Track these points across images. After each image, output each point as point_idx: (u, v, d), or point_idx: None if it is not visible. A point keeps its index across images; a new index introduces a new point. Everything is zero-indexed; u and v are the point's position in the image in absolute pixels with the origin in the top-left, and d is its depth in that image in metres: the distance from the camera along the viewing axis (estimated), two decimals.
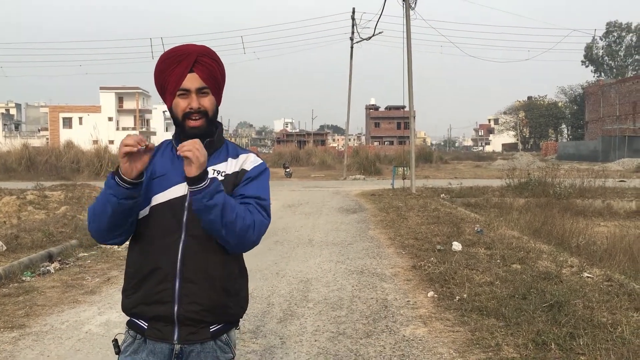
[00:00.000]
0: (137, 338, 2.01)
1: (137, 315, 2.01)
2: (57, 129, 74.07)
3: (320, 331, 5.11)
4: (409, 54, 21.00)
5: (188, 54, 1.98)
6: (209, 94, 2.00)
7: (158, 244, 1.96)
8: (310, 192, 21.74)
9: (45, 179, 25.77)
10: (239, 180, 2.04)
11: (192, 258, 1.95)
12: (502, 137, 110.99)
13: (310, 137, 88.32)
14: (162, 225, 1.96)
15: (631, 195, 18.52)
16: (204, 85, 1.98)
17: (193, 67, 1.97)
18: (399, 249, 9.13)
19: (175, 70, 1.97)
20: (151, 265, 1.96)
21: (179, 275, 1.94)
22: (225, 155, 2.08)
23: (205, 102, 1.99)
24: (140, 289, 1.99)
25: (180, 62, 1.97)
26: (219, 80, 2.05)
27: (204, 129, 2.00)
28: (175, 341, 1.97)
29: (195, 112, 1.97)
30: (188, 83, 1.96)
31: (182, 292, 1.94)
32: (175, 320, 1.95)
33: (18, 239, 9.10)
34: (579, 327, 4.73)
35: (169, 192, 1.98)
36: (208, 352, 2.00)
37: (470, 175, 32.95)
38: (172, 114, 2.02)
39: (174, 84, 1.98)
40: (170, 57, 2.00)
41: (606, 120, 62.07)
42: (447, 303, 5.86)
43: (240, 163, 2.07)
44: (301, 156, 47.70)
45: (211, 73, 2.01)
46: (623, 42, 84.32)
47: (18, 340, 4.90)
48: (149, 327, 1.98)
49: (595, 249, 9.20)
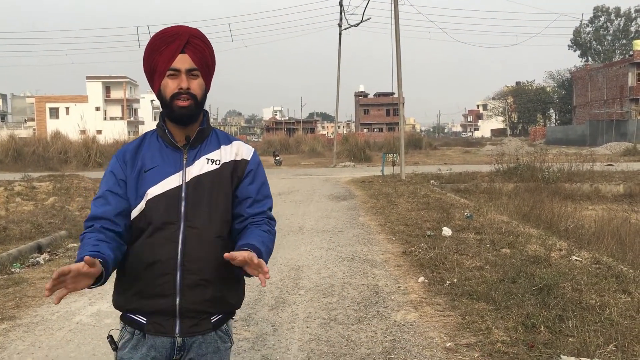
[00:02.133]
0: (135, 334, 1.97)
1: (135, 311, 1.97)
2: (44, 120, 73.38)
3: (312, 318, 5.13)
4: (397, 40, 20.95)
5: (180, 35, 1.95)
6: (198, 77, 1.97)
7: (156, 236, 1.93)
8: (300, 179, 21.73)
9: (32, 170, 25.56)
10: (241, 172, 2.04)
11: (192, 249, 1.92)
12: (490, 123, 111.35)
13: (299, 124, 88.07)
14: (160, 217, 1.93)
15: (619, 179, 18.67)
16: (194, 66, 1.95)
17: (184, 48, 1.94)
18: (390, 235, 9.16)
19: (166, 50, 1.94)
20: (150, 258, 1.92)
21: (180, 267, 1.91)
22: (216, 143, 2.05)
23: (194, 84, 1.96)
24: (138, 283, 1.94)
25: (171, 43, 1.94)
26: (209, 64, 2.02)
27: (193, 110, 1.96)
28: (177, 334, 1.94)
29: (185, 92, 1.94)
30: (179, 63, 1.93)
31: (184, 284, 1.91)
32: (177, 313, 1.92)
33: (6, 230, 9.03)
34: (567, 310, 4.79)
35: (163, 184, 1.95)
36: (209, 343, 1.99)
37: (459, 161, 33.07)
38: (161, 95, 1.98)
39: (164, 64, 1.94)
40: (162, 37, 1.96)
41: (594, 104, 62.38)
42: (437, 288, 5.90)
43: (235, 151, 2.06)
44: (291, 144, 47.59)
45: (202, 56, 1.98)
46: (611, 26, 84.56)
47: (8, 331, 4.88)
48: (148, 321, 1.94)
49: (583, 232, 9.28)
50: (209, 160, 2.00)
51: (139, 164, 1.98)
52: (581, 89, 67.08)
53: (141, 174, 1.97)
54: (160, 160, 1.98)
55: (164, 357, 1.96)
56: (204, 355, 1.98)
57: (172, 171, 1.96)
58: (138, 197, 1.96)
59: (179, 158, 1.99)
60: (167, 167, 1.97)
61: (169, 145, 2.00)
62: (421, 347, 4.37)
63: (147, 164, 1.98)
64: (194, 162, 1.99)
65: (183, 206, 1.94)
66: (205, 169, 1.99)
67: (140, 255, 1.94)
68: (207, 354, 1.99)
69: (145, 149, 2.02)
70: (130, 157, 2.02)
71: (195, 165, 1.99)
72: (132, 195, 1.97)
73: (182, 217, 1.93)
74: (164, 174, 1.96)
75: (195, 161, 1.99)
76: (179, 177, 1.95)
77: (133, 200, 1.96)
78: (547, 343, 4.22)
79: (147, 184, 1.96)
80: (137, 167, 1.98)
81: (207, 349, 1.99)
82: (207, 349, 1.98)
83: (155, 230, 1.93)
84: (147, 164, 1.98)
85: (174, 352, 1.95)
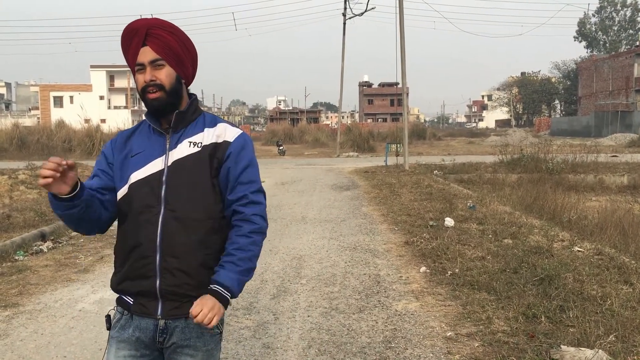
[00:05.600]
0: (124, 314, 2.03)
1: (123, 292, 2.03)
2: (48, 108, 73.33)
3: (313, 307, 5.14)
4: (401, 30, 20.84)
5: (137, 29, 1.97)
6: (164, 66, 1.97)
7: (138, 220, 1.97)
8: (304, 169, 21.72)
9: (37, 158, 25.61)
10: (221, 154, 2.01)
11: (171, 232, 1.95)
12: (495, 114, 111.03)
13: (303, 114, 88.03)
14: (141, 201, 1.97)
15: (623, 170, 18.61)
16: (157, 57, 1.96)
17: (145, 40, 1.96)
18: (392, 225, 9.16)
19: (130, 48, 1.98)
20: (133, 241, 1.98)
21: (159, 250, 1.94)
22: (201, 126, 2.06)
23: (160, 74, 1.97)
24: (125, 265, 2.00)
25: (132, 38, 1.98)
26: (177, 51, 2.00)
27: (164, 100, 1.98)
28: (159, 316, 1.97)
29: (150, 85, 1.96)
30: (142, 57, 1.97)
31: (162, 266, 1.95)
32: (158, 295, 1.96)
33: (10, 218, 9.07)
34: (569, 300, 4.79)
35: (146, 169, 1.99)
36: (192, 328, 1.99)
37: (463, 151, 32.99)
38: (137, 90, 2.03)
39: (132, 60, 1.99)
40: (124, 35, 2.00)
41: (599, 95, 62.07)
42: (439, 278, 5.90)
43: (218, 133, 2.04)
44: (294, 134, 47.52)
45: (166, 44, 1.97)
46: (617, 16, 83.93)
47: (12, 318, 4.92)
48: (134, 302, 2.00)
49: (586, 223, 9.27)
50: (190, 144, 2.01)
51: (127, 149, 2.05)
52: (586, 79, 66.71)
53: (127, 159, 2.02)
54: (147, 145, 2.03)
55: (147, 338, 2.00)
56: (187, 340, 2.00)
57: (155, 155, 2.01)
58: (122, 181, 2.01)
59: (163, 142, 2.03)
60: (152, 152, 2.01)
61: (155, 131, 2.05)
62: (422, 336, 4.39)
63: (135, 149, 2.04)
64: (177, 146, 2.01)
65: (163, 190, 1.97)
66: (186, 152, 2.00)
67: (126, 238, 2.00)
68: (190, 338, 2.00)
69: (137, 136, 2.08)
70: (121, 143, 2.09)
71: (178, 148, 2.01)
72: (117, 179, 2.03)
73: (162, 201, 1.96)
74: (148, 158, 2.00)
75: (178, 145, 2.02)
76: (162, 161, 1.99)
77: (118, 183, 2.02)
78: (548, 333, 4.23)
79: (131, 168, 2.01)
80: (124, 152, 2.04)
81: (191, 334, 2.00)
82: (190, 334, 2.00)
83: (137, 213, 1.98)
84: (135, 149, 2.04)
85: (157, 334, 1.99)
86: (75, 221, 1.95)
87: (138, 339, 1.99)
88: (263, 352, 4.15)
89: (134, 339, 1.99)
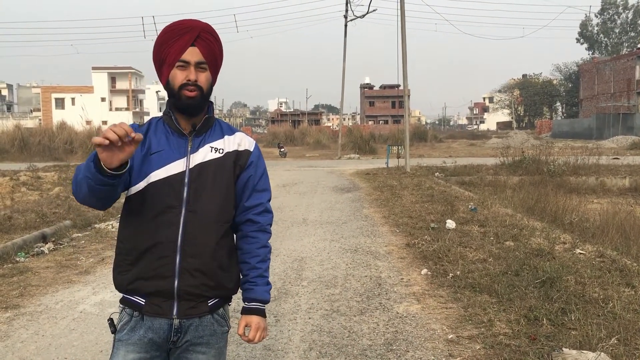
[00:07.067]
0: (133, 315, 2.00)
1: (134, 292, 2.01)
2: (49, 110, 73.42)
3: (314, 309, 5.14)
4: (403, 32, 20.85)
5: (192, 28, 2.01)
6: (206, 70, 2.03)
7: (158, 220, 1.97)
8: (305, 171, 21.72)
9: (38, 160, 25.65)
10: (244, 162, 2.10)
11: (192, 233, 1.97)
12: (496, 116, 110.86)
13: (304, 116, 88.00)
14: (162, 201, 1.97)
15: (624, 172, 18.59)
16: (203, 60, 2.01)
17: (195, 41, 1.99)
18: (393, 227, 9.15)
19: (177, 43, 1.99)
20: (150, 240, 1.97)
21: (180, 250, 1.96)
22: (220, 133, 2.11)
23: (202, 77, 2.01)
24: (138, 265, 1.99)
25: (183, 35, 1.99)
26: (217, 59, 2.07)
27: (199, 101, 2.01)
28: (174, 316, 1.98)
29: (192, 84, 1.99)
30: (188, 56, 1.99)
31: (182, 267, 1.96)
32: (175, 295, 1.97)
33: (11, 219, 9.08)
34: (570, 303, 4.78)
35: (167, 169, 1.99)
36: (206, 326, 2.04)
37: (464, 153, 32.98)
38: (169, 85, 2.02)
39: (174, 55, 1.99)
40: (173, 29, 2.02)
41: (601, 97, 62.00)
42: (440, 280, 5.89)
43: (238, 141, 2.12)
44: (296, 136, 47.55)
45: (211, 50, 2.03)
46: (619, 19, 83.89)
47: (12, 320, 4.91)
48: (146, 303, 1.99)
49: (588, 225, 9.25)
50: (212, 149, 2.05)
51: (146, 145, 2.02)
52: (588, 82, 66.67)
53: (147, 155, 2.00)
54: (166, 145, 2.03)
55: (161, 338, 1.99)
56: (200, 337, 2.03)
57: (176, 156, 2.01)
58: (140, 177, 1.99)
59: (184, 144, 2.04)
60: (172, 152, 2.02)
61: (175, 132, 2.05)
62: (423, 338, 4.38)
63: (154, 147, 2.02)
64: (198, 150, 2.04)
65: (185, 191, 1.99)
66: (209, 157, 2.04)
67: (142, 238, 1.98)
68: (203, 336, 2.04)
69: (152, 134, 2.06)
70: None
71: (200, 152, 2.04)
72: (135, 173, 1.99)
73: (184, 202, 1.98)
74: (169, 158, 2.00)
75: (200, 149, 2.04)
76: (183, 162, 2.00)
77: (135, 178, 1.99)
78: (550, 336, 4.22)
79: (152, 166, 1.99)
80: (145, 147, 2.01)
81: (204, 332, 2.04)
82: (203, 332, 2.04)
83: (157, 213, 1.97)
84: (154, 147, 2.03)
85: (171, 333, 1.99)
86: (101, 197, 1.85)
87: (151, 340, 1.99)
88: (264, 354, 4.15)
89: (146, 341, 1.99)
